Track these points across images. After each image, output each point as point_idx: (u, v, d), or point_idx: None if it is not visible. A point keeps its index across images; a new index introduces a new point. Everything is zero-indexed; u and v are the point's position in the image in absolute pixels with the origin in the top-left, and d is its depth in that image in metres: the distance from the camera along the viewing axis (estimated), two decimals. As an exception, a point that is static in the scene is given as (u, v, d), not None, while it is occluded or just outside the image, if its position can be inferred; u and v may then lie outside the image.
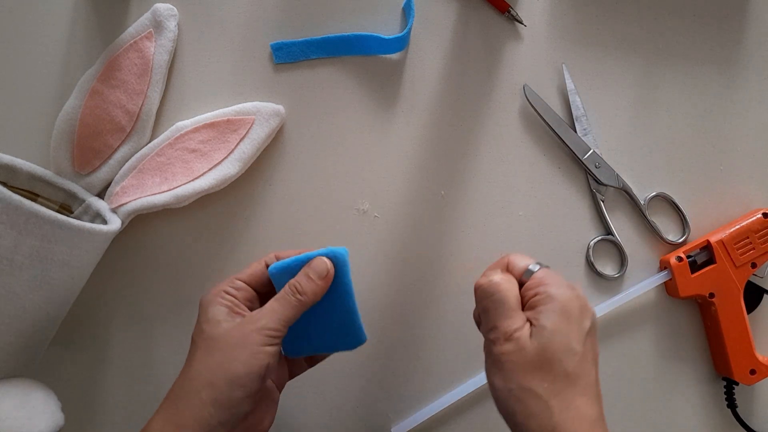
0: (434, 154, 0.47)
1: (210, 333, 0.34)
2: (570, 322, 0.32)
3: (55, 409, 0.36)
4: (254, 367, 0.33)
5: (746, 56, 0.48)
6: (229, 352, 0.33)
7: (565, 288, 0.33)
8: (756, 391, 0.47)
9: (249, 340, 0.33)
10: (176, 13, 0.45)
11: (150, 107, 0.44)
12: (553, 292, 0.32)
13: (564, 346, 0.31)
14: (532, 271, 0.34)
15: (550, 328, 0.31)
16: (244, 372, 0.33)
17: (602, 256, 0.47)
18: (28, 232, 0.33)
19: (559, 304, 0.32)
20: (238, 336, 0.34)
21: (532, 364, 0.31)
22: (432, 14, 0.47)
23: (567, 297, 0.32)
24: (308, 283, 0.35)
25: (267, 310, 0.35)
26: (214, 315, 0.35)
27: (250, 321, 0.34)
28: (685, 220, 0.47)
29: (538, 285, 0.33)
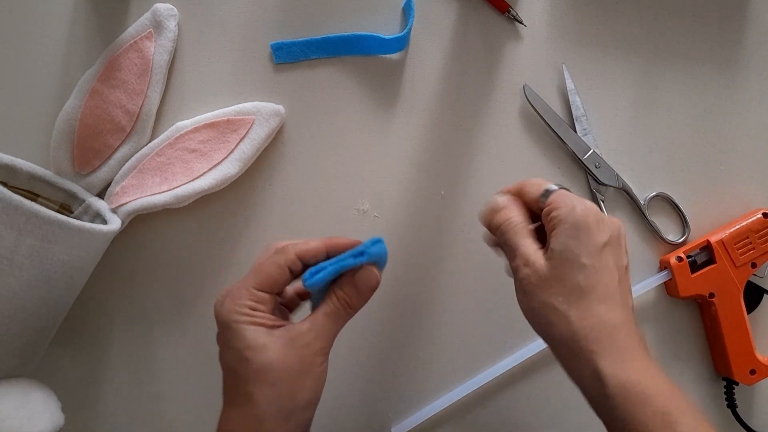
0: (434, 154, 0.47)
1: (260, 362, 0.31)
2: (579, 239, 0.33)
3: (55, 409, 0.36)
4: (318, 389, 0.33)
5: (746, 56, 0.48)
6: (294, 383, 0.31)
7: (576, 207, 0.34)
8: (756, 391, 0.47)
9: (311, 365, 0.32)
10: (176, 13, 0.45)
11: (150, 107, 0.44)
12: (563, 215, 0.34)
13: (573, 262, 0.33)
14: (548, 194, 0.36)
15: (558, 249, 0.33)
16: (312, 397, 0.32)
17: (602, 256, 0.47)
18: (28, 232, 0.33)
19: (568, 224, 0.33)
20: (297, 363, 0.32)
21: (547, 283, 0.33)
22: (432, 14, 0.47)
23: (576, 216, 0.33)
24: (359, 297, 0.34)
25: (319, 326, 0.33)
26: (255, 340, 0.31)
27: (302, 341, 0.32)
28: (685, 220, 0.47)
29: (550, 211, 0.35)
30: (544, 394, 0.47)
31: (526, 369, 0.46)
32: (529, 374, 0.47)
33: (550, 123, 0.46)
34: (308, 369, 0.32)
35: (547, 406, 0.47)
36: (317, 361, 0.32)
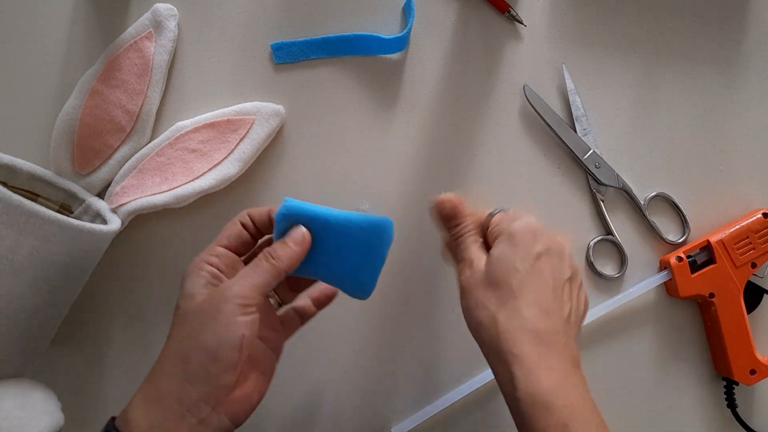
0: (434, 154, 0.47)
1: (184, 308, 0.33)
2: (516, 247, 0.35)
3: (55, 409, 0.36)
4: (227, 339, 0.32)
5: (746, 56, 0.48)
6: (200, 324, 0.32)
7: (515, 221, 0.37)
8: (756, 391, 0.47)
9: (219, 310, 0.32)
10: (176, 13, 0.45)
11: (150, 107, 0.44)
12: (503, 227, 0.37)
13: (508, 266, 0.35)
14: (492, 215, 0.39)
15: (496, 254, 0.36)
16: (217, 344, 0.32)
17: (602, 256, 0.47)
18: (28, 232, 0.34)
19: (506, 234, 0.36)
20: (208, 307, 0.32)
21: (483, 284, 0.35)
22: (432, 14, 0.47)
23: (513, 228, 0.36)
24: (283, 248, 0.35)
25: (239, 278, 0.33)
26: (190, 288, 0.34)
27: (221, 290, 0.33)
28: (685, 220, 0.47)
29: (494, 225, 0.38)
30: (544, 394, 0.47)
31: (526, 369, 0.46)
32: (529, 374, 0.46)
33: (550, 123, 0.46)
34: (215, 312, 0.32)
35: (547, 406, 0.47)
36: (227, 308, 0.32)
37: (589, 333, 0.47)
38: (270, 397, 0.45)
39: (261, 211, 0.37)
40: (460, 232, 0.39)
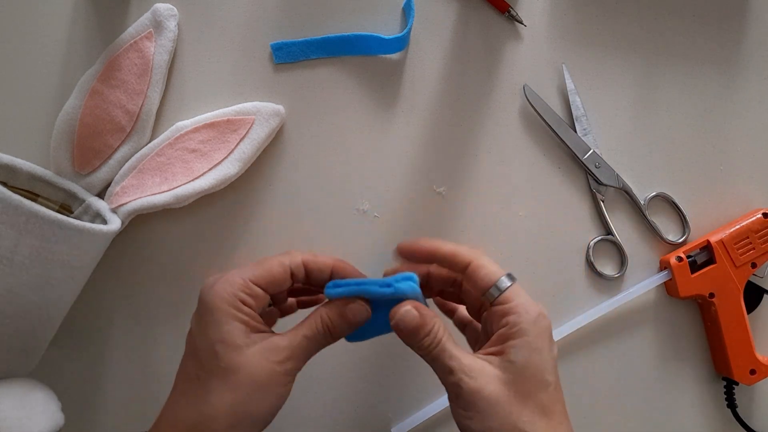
0: (434, 154, 0.47)
1: (228, 361, 0.30)
2: (542, 353, 0.31)
3: (55, 409, 0.36)
4: (276, 407, 0.31)
5: (746, 56, 0.48)
6: (255, 392, 0.30)
7: (538, 317, 0.31)
8: (756, 391, 0.47)
9: (276, 382, 0.31)
10: (176, 13, 0.45)
11: (150, 107, 0.44)
12: (525, 325, 0.31)
13: (537, 379, 0.30)
14: (500, 289, 0.32)
15: (521, 363, 0.30)
16: (268, 413, 0.31)
17: (602, 256, 0.47)
18: (28, 232, 0.33)
19: (532, 336, 0.31)
20: (264, 375, 0.30)
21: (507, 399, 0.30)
22: (432, 14, 0.47)
23: (539, 328, 0.31)
24: (343, 326, 0.33)
25: (296, 347, 0.31)
26: (231, 335, 0.30)
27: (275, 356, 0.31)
28: (685, 220, 0.47)
29: (506, 313, 0.32)
30: (544, 394, 0.47)
31: (526, 369, 0.46)
32: (529, 374, 0.46)
33: (550, 123, 0.46)
34: (272, 385, 0.31)
35: (547, 406, 0.47)
36: (284, 380, 0.31)
37: (589, 333, 0.47)
38: (270, 397, 0.46)
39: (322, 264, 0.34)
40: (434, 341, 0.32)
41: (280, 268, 0.33)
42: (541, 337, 0.31)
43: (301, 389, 0.45)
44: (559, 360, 0.46)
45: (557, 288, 0.47)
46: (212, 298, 0.31)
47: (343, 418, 0.46)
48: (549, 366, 0.31)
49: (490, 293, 0.32)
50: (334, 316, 0.33)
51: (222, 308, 0.31)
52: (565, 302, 0.47)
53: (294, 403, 0.46)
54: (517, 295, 0.32)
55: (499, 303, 0.32)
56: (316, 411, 0.46)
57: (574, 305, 0.47)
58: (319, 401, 0.46)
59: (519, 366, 0.30)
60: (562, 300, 0.47)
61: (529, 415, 0.30)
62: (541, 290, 0.47)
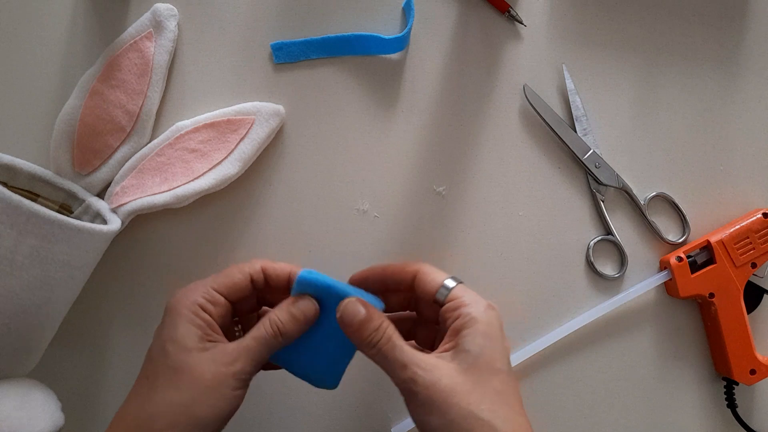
0: (434, 154, 0.47)
1: (176, 361, 0.31)
2: (494, 341, 0.31)
3: (55, 409, 0.36)
4: (223, 412, 0.31)
5: (746, 56, 0.48)
6: (199, 394, 0.30)
7: (488, 307, 0.32)
8: (756, 391, 0.47)
9: (222, 384, 0.30)
10: (176, 13, 0.45)
11: (150, 107, 0.44)
12: (476, 314, 0.32)
13: (490, 366, 0.30)
14: (449, 288, 0.34)
15: (475, 351, 0.31)
16: (213, 417, 0.30)
17: (602, 256, 0.47)
18: (28, 232, 0.33)
19: (483, 324, 0.31)
20: (210, 376, 0.30)
21: (463, 389, 0.29)
22: (432, 14, 0.47)
23: (490, 317, 0.32)
24: (292, 324, 0.33)
25: (244, 350, 0.31)
26: (183, 338, 0.31)
27: (224, 359, 0.31)
28: (685, 220, 0.47)
29: (457, 307, 0.32)
30: (542, 395, 0.47)
31: (525, 369, 0.46)
32: (528, 374, 0.47)
33: (549, 123, 0.46)
34: (219, 387, 0.30)
35: (545, 406, 0.47)
36: (230, 383, 0.31)
37: (589, 333, 0.47)
38: (269, 397, 0.46)
39: (279, 269, 0.35)
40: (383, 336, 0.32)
41: (240, 274, 0.34)
42: (492, 325, 0.32)
43: (301, 389, 0.46)
44: (559, 360, 0.47)
45: (557, 288, 0.47)
46: (173, 303, 0.33)
47: (343, 417, 0.46)
48: (501, 355, 0.31)
49: (440, 293, 0.34)
50: (283, 315, 0.33)
51: (179, 311, 0.32)
52: (565, 302, 0.47)
53: (294, 403, 0.46)
54: (465, 291, 0.33)
55: (449, 300, 0.33)
56: (316, 411, 0.46)
57: (574, 305, 0.47)
58: (319, 401, 0.46)
59: (473, 354, 0.30)
60: (562, 300, 0.47)
61: (489, 404, 0.29)
62: (541, 290, 0.47)
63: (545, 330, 0.46)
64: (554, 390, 0.47)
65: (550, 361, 0.47)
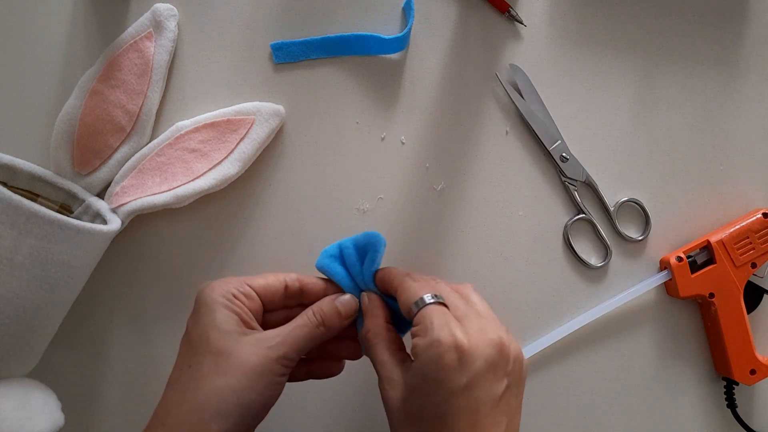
0: (434, 154, 0.47)
1: (220, 346, 0.30)
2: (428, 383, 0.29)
3: (55, 409, 0.36)
4: (271, 398, 0.31)
5: (746, 56, 0.48)
6: (245, 379, 0.29)
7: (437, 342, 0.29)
8: (756, 391, 0.47)
9: (269, 370, 0.30)
10: (176, 13, 0.45)
11: (150, 107, 0.44)
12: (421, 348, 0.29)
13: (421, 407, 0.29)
14: (419, 306, 0.31)
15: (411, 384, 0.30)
16: (261, 402, 0.30)
17: (602, 256, 0.47)
18: (28, 232, 0.33)
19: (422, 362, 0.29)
20: (255, 360, 0.30)
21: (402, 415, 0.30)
22: (432, 14, 0.47)
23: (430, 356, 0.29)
24: (334, 319, 0.33)
25: (290, 337, 0.31)
26: (224, 323, 0.31)
27: (269, 344, 0.31)
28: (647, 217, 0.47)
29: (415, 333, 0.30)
30: (542, 395, 0.47)
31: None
32: (528, 374, 0.47)
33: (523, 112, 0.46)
34: (263, 372, 0.30)
35: (545, 406, 0.47)
36: (275, 368, 0.31)
37: (589, 333, 0.47)
38: (270, 397, 0.45)
39: (316, 285, 0.35)
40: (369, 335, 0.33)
41: (275, 278, 0.34)
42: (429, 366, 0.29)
43: (301, 389, 0.46)
44: (559, 360, 0.46)
45: (557, 288, 0.47)
46: (208, 292, 0.32)
47: (343, 417, 0.46)
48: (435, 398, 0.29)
49: (413, 310, 0.32)
50: (326, 307, 0.33)
51: (216, 299, 0.32)
52: (565, 302, 0.47)
53: (294, 403, 0.46)
54: (430, 314, 0.30)
55: (414, 324, 0.31)
56: (316, 411, 0.46)
57: (574, 305, 0.47)
58: (320, 403, 0.46)
59: (409, 389, 0.30)
60: (562, 300, 0.47)
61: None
62: (541, 290, 0.47)
63: (545, 330, 0.46)
64: (554, 390, 0.47)
65: (549, 361, 0.47)
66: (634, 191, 0.47)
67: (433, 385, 0.29)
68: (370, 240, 0.36)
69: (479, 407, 0.29)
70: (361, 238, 0.37)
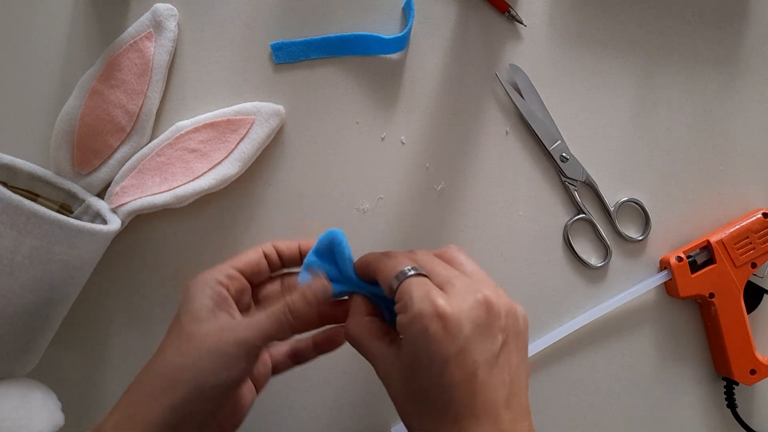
0: (434, 154, 0.47)
1: (187, 328, 0.31)
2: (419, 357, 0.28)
3: (55, 409, 0.36)
4: (224, 381, 0.30)
5: (746, 56, 0.48)
6: (201, 358, 0.30)
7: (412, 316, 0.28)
8: (756, 391, 0.47)
9: (225, 351, 0.30)
10: (176, 13, 0.45)
11: (150, 107, 0.44)
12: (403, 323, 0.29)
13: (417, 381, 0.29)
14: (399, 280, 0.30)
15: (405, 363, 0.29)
16: (213, 383, 0.30)
17: (603, 256, 0.47)
18: (28, 232, 0.33)
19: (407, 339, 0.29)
20: (214, 342, 0.31)
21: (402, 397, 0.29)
22: (432, 14, 0.47)
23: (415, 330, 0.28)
24: (303, 304, 0.33)
25: (253, 323, 0.32)
26: (197, 308, 0.32)
27: (231, 328, 0.31)
28: (648, 217, 0.47)
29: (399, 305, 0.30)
30: (542, 395, 0.47)
31: (526, 369, 0.46)
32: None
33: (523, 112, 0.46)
34: (220, 352, 0.30)
35: (545, 406, 0.47)
36: (232, 350, 0.31)
37: (589, 333, 0.47)
38: (269, 397, 0.46)
39: (290, 245, 0.36)
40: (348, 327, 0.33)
41: (254, 252, 0.35)
42: (416, 340, 0.28)
43: (302, 389, 0.46)
44: (559, 360, 0.47)
45: (557, 287, 0.47)
46: (193, 281, 0.34)
47: (343, 417, 0.46)
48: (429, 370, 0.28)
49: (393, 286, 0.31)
50: (295, 295, 0.33)
51: (197, 286, 0.33)
52: (566, 302, 0.47)
53: (294, 404, 0.46)
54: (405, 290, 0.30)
55: (396, 301, 0.30)
56: (316, 411, 0.46)
57: (574, 305, 0.47)
58: (320, 401, 0.46)
59: (406, 367, 0.29)
60: (563, 299, 0.47)
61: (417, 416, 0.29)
62: (541, 290, 0.47)
63: (545, 330, 0.46)
64: (554, 390, 0.47)
65: (550, 361, 0.47)
66: (634, 191, 0.47)
67: (425, 359, 0.28)
68: (329, 239, 0.35)
69: (476, 370, 0.28)
70: (319, 244, 0.36)
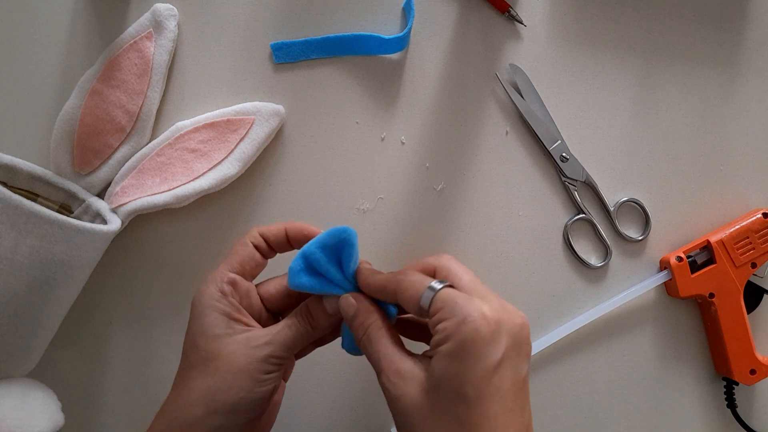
0: (434, 154, 0.47)
1: (207, 349, 0.31)
2: (464, 362, 0.27)
3: (55, 409, 0.36)
4: (259, 395, 0.31)
5: (746, 56, 0.48)
6: (232, 378, 0.30)
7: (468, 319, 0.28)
8: (756, 391, 0.47)
9: (254, 368, 0.31)
10: (176, 13, 0.45)
11: (150, 107, 0.44)
12: (450, 329, 0.28)
13: (454, 392, 0.27)
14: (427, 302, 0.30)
15: (438, 374, 0.28)
16: (249, 400, 0.31)
17: (603, 256, 0.47)
18: (28, 232, 0.33)
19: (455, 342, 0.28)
20: (241, 360, 0.31)
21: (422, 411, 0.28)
22: (432, 14, 0.47)
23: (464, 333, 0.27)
24: (323, 318, 0.33)
25: (278, 337, 0.32)
26: (211, 326, 0.32)
27: (255, 343, 0.31)
28: (648, 217, 0.47)
29: (438, 321, 0.29)
30: (542, 395, 0.47)
31: (526, 369, 0.46)
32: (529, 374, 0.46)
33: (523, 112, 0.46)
34: (250, 371, 0.31)
35: (545, 406, 0.47)
36: (262, 366, 0.31)
37: (589, 333, 0.47)
38: (270, 397, 0.46)
39: (275, 229, 0.36)
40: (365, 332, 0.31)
41: (243, 246, 0.35)
42: (466, 343, 0.27)
43: (301, 390, 0.46)
44: (559, 360, 0.46)
45: (557, 288, 0.47)
46: (196, 297, 0.33)
47: (342, 418, 0.46)
48: (472, 377, 0.27)
49: (422, 308, 0.30)
50: (313, 306, 0.34)
51: (203, 303, 0.33)
52: (566, 302, 0.47)
53: (294, 404, 0.46)
54: (449, 299, 0.29)
55: (433, 313, 0.30)
56: (316, 411, 0.46)
57: (574, 305, 0.47)
58: (320, 401, 0.46)
59: (436, 377, 0.28)
60: (563, 299, 0.47)
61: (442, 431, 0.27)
62: (541, 290, 0.47)
63: (545, 330, 0.46)
64: (554, 390, 0.47)
65: (550, 361, 0.47)
66: (634, 191, 0.47)
67: (470, 362, 0.27)
68: (340, 236, 0.33)
69: (511, 387, 0.28)
70: (328, 239, 0.33)
